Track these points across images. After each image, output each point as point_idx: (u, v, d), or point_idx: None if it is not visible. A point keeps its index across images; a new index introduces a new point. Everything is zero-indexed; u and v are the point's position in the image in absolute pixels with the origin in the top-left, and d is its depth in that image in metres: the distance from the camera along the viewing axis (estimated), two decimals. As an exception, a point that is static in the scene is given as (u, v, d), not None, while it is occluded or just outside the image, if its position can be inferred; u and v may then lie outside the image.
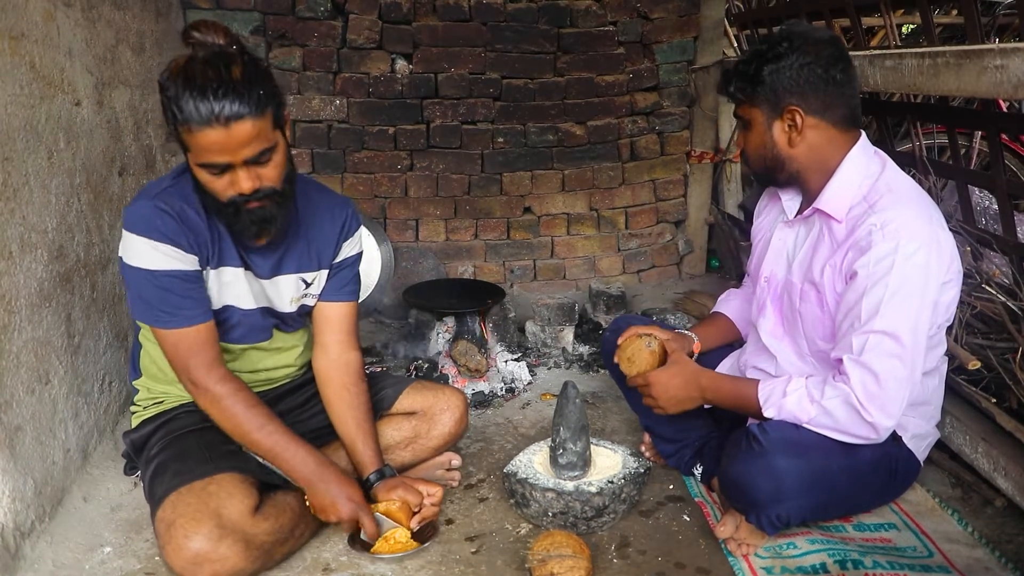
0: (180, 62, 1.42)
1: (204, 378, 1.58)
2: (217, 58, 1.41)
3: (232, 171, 1.45)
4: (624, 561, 1.67)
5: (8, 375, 1.61)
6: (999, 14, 3.83)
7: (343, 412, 1.76)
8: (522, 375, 2.64)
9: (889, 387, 1.47)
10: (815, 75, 1.55)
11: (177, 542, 1.45)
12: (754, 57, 1.61)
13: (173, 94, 1.39)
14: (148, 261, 1.52)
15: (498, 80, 3.36)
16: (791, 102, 1.57)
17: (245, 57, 1.45)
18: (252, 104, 1.40)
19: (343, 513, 1.58)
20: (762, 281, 1.80)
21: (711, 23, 3.55)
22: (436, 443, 1.92)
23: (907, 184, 1.59)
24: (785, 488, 1.53)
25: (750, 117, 1.64)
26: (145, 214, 1.52)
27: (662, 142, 3.65)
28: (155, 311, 1.56)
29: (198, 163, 1.46)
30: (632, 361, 1.82)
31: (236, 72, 1.40)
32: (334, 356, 1.79)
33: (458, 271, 3.55)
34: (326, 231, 1.76)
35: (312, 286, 1.76)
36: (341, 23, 3.18)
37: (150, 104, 2.55)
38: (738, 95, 1.64)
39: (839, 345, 1.55)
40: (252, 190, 1.47)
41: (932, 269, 1.48)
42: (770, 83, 1.57)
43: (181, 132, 1.42)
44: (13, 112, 1.66)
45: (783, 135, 1.61)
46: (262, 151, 1.45)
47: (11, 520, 1.57)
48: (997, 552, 1.65)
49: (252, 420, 1.59)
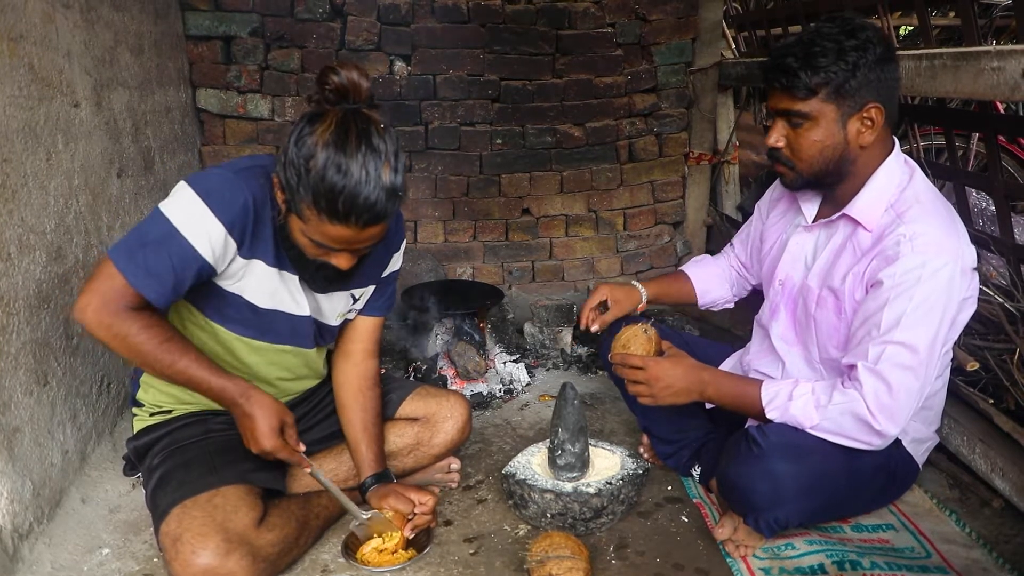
0: (329, 135, 1.32)
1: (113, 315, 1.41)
2: (369, 143, 1.33)
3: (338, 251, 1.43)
4: (622, 562, 1.67)
5: (6, 377, 1.61)
6: (996, 16, 3.83)
7: (354, 415, 1.77)
8: (520, 376, 2.64)
9: (900, 398, 1.47)
10: (892, 75, 1.50)
11: (185, 558, 1.43)
12: (831, 46, 1.46)
13: (317, 173, 1.31)
14: (182, 219, 1.40)
15: (496, 82, 3.36)
16: (874, 99, 1.49)
17: (394, 146, 1.37)
18: (392, 210, 1.38)
19: (264, 446, 1.50)
20: (776, 284, 1.77)
21: (709, 25, 3.55)
22: (438, 450, 1.92)
23: (934, 195, 1.57)
24: (783, 492, 1.53)
25: (816, 112, 1.51)
26: (221, 183, 1.44)
27: (660, 144, 3.66)
28: (133, 253, 1.40)
29: (307, 235, 1.41)
30: (627, 347, 1.77)
31: (386, 172, 1.34)
32: (356, 362, 1.80)
33: (456, 272, 3.55)
34: (381, 247, 1.68)
35: (359, 302, 1.76)
36: (340, 25, 3.18)
37: (149, 105, 2.55)
38: (808, 84, 1.48)
39: (853, 351, 1.53)
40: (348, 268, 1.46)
41: (956, 286, 1.47)
42: (857, 76, 1.47)
43: (304, 205, 1.36)
44: (12, 113, 1.66)
45: (856, 134, 1.52)
46: (376, 243, 1.45)
47: (9, 522, 1.57)
48: (995, 553, 1.66)
49: (166, 354, 1.44)
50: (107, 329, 1.41)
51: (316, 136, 1.33)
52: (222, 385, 1.50)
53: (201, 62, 3.08)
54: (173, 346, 1.46)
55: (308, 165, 1.33)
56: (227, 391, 1.50)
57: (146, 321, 1.43)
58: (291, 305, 1.63)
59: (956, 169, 2.57)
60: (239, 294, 1.56)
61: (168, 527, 1.48)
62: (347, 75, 1.37)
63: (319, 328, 1.73)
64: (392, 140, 1.38)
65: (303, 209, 1.37)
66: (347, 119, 1.34)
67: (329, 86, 1.37)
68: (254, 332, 1.63)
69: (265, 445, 1.51)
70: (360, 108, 1.39)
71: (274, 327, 1.64)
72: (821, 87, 1.49)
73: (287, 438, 1.55)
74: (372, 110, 1.40)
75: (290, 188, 1.38)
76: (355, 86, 1.38)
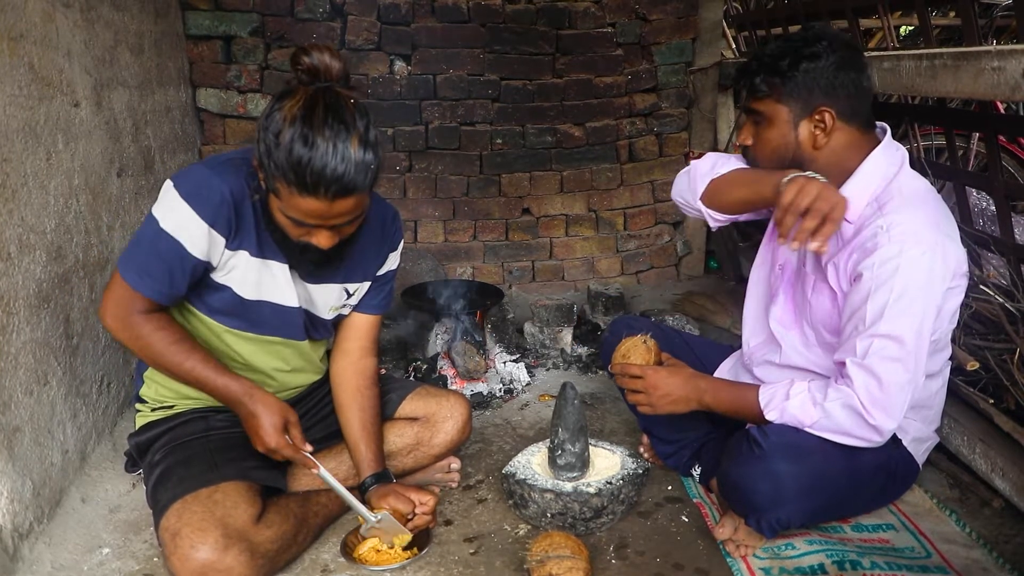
0: (297, 109, 1.34)
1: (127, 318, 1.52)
2: (337, 116, 1.34)
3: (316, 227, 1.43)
4: (622, 562, 1.67)
5: (6, 376, 1.61)
6: (996, 16, 3.83)
7: (352, 415, 1.77)
8: (520, 376, 2.64)
9: (892, 391, 1.47)
10: (849, 79, 1.54)
11: (183, 552, 1.43)
12: (789, 51, 1.56)
13: (284, 147, 1.33)
14: (171, 222, 1.46)
15: (497, 81, 3.36)
16: (824, 103, 1.54)
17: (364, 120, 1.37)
18: (362, 182, 1.37)
19: (268, 443, 1.55)
20: (777, 269, 1.79)
21: (709, 25, 3.55)
22: (438, 450, 1.91)
23: (919, 187, 1.57)
24: (784, 492, 1.53)
25: (771, 113, 1.59)
26: (200, 180, 1.47)
27: (660, 143, 3.66)
28: (131, 258, 1.50)
29: (284, 213, 1.42)
30: (627, 357, 1.79)
31: (355, 145, 1.34)
32: (353, 360, 1.80)
33: (457, 272, 3.55)
34: (376, 243, 1.73)
35: (353, 297, 1.76)
36: (340, 24, 3.18)
37: (149, 105, 2.55)
38: (763, 88, 1.59)
39: (842, 348, 1.54)
40: (329, 247, 1.46)
41: (936, 274, 1.47)
42: (804, 81, 1.54)
43: (276, 181, 1.38)
44: (12, 113, 1.66)
45: (809, 136, 1.58)
46: (353, 219, 1.44)
47: (9, 521, 1.57)
48: (995, 553, 1.66)
49: (176, 355, 1.53)
50: (123, 332, 1.53)
51: (284, 111, 1.35)
52: (226, 384, 1.56)
53: (201, 62, 3.08)
54: (182, 347, 1.55)
55: (277, 140, 1.34)
56: (231, 390, 1.56)
57: (157, 324, 1.53)
58: (278, 295, 1.63)
59: (956, 169, 2.57)
60: (228, 285, 1.58)
61: (168, 522, 1.48)
62: (318, 56, 1.38)
63: (311, 320, 1.72)
64: (363, 115, 1.39)
65: (276, 185, 1.38)
66: (316, 95, 1.36)
67: (301, 67, 1.39)
68: (242, 323, 1.64)
69: (270, 443, 1.55)
70: (332, 86, 1.39)
71: (262, 318, 1.64)
72: (774, 88, 1.57)
73: (292, 437, 1.58)
74: (349, 90, 1.41)
75: (263, 165, 1.39)
76: (326, 67, 1.38)
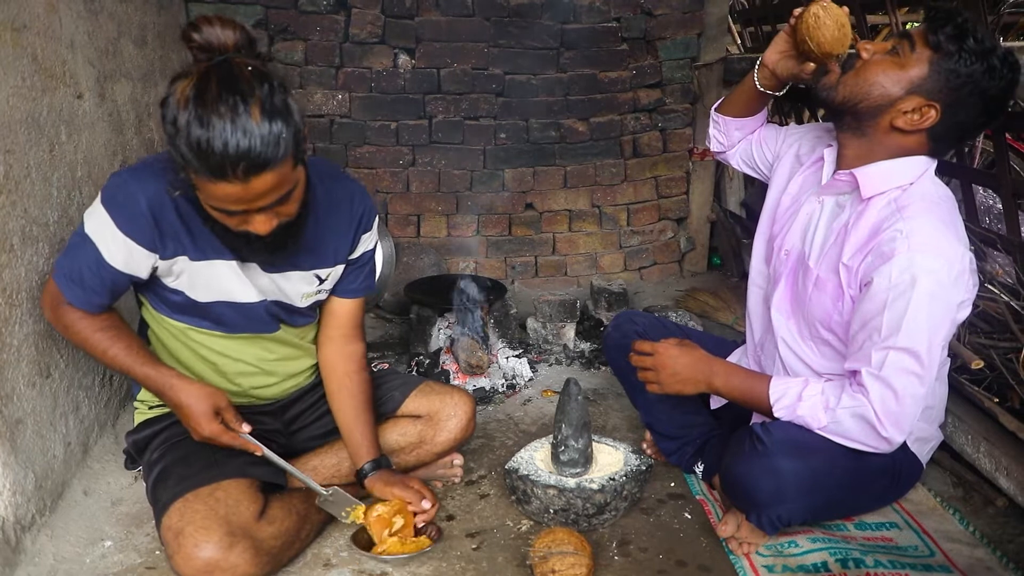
0: (187, 89, 1.23)
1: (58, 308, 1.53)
2: (231, 88, 1.22)
3: (247, 212, 1.34)
4: (625, 559, 1.67)
5: (9, 368, 1.61)
6: (1004, 12, 3.81)
7: (343, 401, 1.75)
8: (523, 371, 2.63)
9: (906, 404, 1.46)
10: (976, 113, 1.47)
11: (187, 551, 1.42)
12: (986, 54, 1.43)
13: (182, 133, 1.23)
14: (92, 226, 1.44)
15: (501, 76, 3.35)
16: (944, 105, 1.46)
17: (264, 87, 1.25)
18: (274, 154, 1.24)
19: (202, 432, 1.51)
20: (782, 254, 1.73)
21: (715, 20, 3.53)
22: (441, 448, 1.89)
23: (940, 194, 1.54)
24: (787, 489, 1.52)
25: (916, 59, 1.46)
26: (118, 186, 1.43)
27: (665, 139, 3.64)
28: (62, 258, 1.50)
29: (208, 204, 1.34)
30: (820, 26, 1.52)
31: (255, 113, 1.22)
32: (338, 347, 1.78)
33: (459, 267, 3.54)
34: (343, 224, 1.65)
35: (326, 282, 1.69)
36: (344, 17, 3.17)
37: (152, 97, 2.54)
38: (941, 39, 1.43)
39: (855, 356, 1.52)
40: (269, 231, 1.37)
41: (953, 288, 1.45)
42: (958, 78, 1.43)
43: (188, 172, 1.28)
44: (15, 104, 1.66)
45: (904, 114, 1.48)
46: (282, 196, 1.34)
47: (12, 514, 1.57)
48: (998, 552, 1.65)
49: (100, 342, 1.52)
50: (56, 322, 1.56)
51: (177, 95, 1.24)
52: (146, 374, 1.53)
53: (204, 54, 3.07)
54: (107, 334, 1.53)
55: (176, 127, 1.24)
56: (150, 380, 1.53)
57: (84, 312, 1.52)
58: (233, 293, 1.57)
59: (963, 166, 2.55)
60: (180, 290, 1.56)
61: (170, 521, 1.47)
62: (208, 29, 1.27)
63: (285, 310, 1.67)
64: (263, 81, 1.26)
65: (190, 176, 1.29)
66: (208, 71, 1.25)
67: (193, 44, 1.28)
68: (208, 323, 1.61)
69: (203, 432, 1.51)
70: (229, 58, 1.27)
71: (224, 317, 1.60)
72: (943, 52, 1.44)
73: (227, 421, 1.53)
74: (251, 59, 1.30)
75: (172, 151, 1.28)
76: (219, 39, 1.28)
